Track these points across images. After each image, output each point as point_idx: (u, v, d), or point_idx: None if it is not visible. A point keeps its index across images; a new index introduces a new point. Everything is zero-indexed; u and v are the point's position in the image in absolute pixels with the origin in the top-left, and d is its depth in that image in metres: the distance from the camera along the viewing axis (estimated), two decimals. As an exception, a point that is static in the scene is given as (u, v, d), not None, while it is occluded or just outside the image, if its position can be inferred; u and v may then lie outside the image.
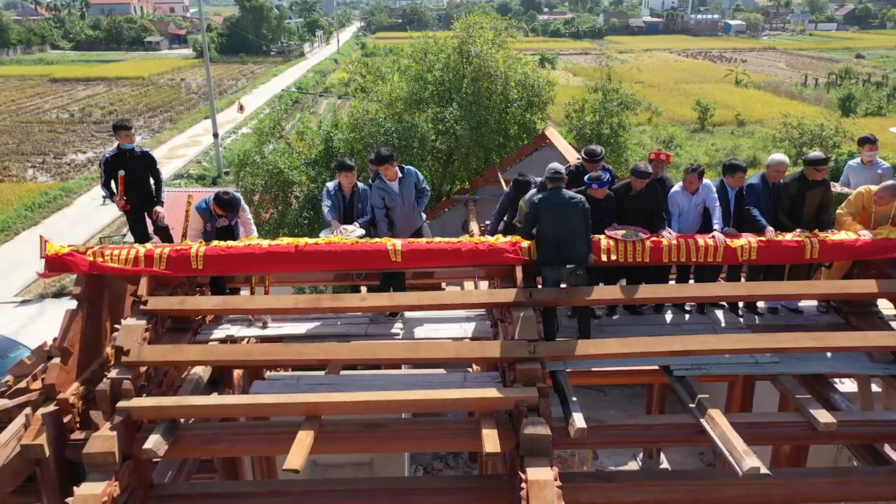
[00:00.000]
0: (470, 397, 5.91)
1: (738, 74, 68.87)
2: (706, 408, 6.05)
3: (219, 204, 7.29)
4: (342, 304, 6.63)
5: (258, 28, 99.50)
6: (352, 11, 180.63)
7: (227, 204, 7.28)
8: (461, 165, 16.02)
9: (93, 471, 5.58)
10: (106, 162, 7.62)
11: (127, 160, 7.62)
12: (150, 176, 7.82)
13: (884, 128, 47.47)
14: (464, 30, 16.73)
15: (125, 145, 7.61)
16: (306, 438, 5.61)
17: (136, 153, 7.73)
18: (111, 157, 7.65)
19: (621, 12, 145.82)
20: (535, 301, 6.48)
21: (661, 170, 7.38)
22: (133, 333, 6.21)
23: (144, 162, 7.78)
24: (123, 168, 7.54)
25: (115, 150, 7.70)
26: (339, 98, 69.75)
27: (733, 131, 50.91)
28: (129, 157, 7.64)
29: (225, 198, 7.32)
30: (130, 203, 7.69)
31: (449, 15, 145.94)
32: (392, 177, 7.33)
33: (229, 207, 7.30)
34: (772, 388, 8.85)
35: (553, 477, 5.44)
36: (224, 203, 7.28)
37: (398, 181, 7.37)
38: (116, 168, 7.56)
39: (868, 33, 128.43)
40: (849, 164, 8.23)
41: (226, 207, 7.29)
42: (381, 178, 7.40)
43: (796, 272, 7.50)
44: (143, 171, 7.76)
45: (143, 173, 7.76)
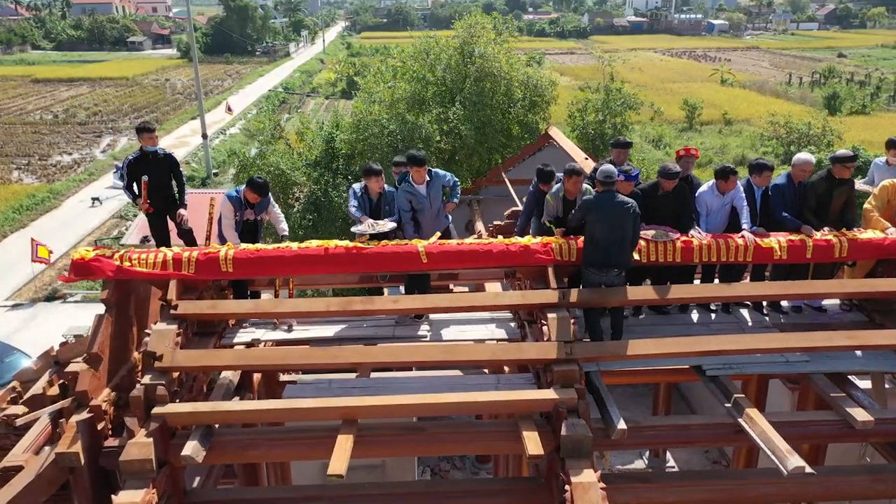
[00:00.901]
0: (510, 399, 5.88)
1: (723, 73, 69.43)
2: (743, 407, 6.07)
3: (253, 187, 7.32)
4: (375, 306, 6.58)
5: (243, 28, 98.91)
6: (336, 11, 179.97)
7: (261, 187, 7.35)
8: (464, 165, 15.99)
9: (130, 478, 5.48)
10: (129, 165, 7.52)
11: (149, 162, 7.53)
12: (173, 178, 7.73)
13: (868, 126, 48.15)
14: (465, 29, 16.69)
15: (148, 148, 7.52)
16: (346, 443, 5.55)
17: (159, 155, 7.64)
18: (134, 160, 7.56)
19: (606, 12, 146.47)
20: (569, 302, 6.45)
21: (690, 166, 7.41)
22: (164, 338, 6.12)
23: (167, 164, 7.69)
24: (146, 170, 7.45)
25: (137, 153, 7.61)
26: (327, 98, 69.57)
27: (721, 130, 51.30)
28: (151, 159, 7.55)
29: (259, 181, 7.41)
30: (153, 206, 7.59)
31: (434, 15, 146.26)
32: (421, 180, 7.28)
33: (263, 190, 7.37)
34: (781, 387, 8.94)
35: (597, 478, 5.43)
36: (259, 186, 7.34)
37: (426, 184, 7.33)
38: (139, 171, 7.47)
39: (849, 33, 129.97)
40: (875, 162, 8.30)
41: (260, 191, 7.34)
42: (408, 181, 7.36)
43: (820, 271, 7.55)
44: (166, 174, 7.68)
45: (166, 176, 7.67)
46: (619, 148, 8.02)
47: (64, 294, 26.25)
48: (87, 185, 39.97)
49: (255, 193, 7.37)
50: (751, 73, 76.86)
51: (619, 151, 8.02)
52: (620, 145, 8.07)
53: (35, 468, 5.69)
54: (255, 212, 7.50)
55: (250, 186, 7.40)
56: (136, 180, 7.52)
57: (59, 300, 25.86)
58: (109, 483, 6.05)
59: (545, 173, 7.84)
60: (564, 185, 7.31)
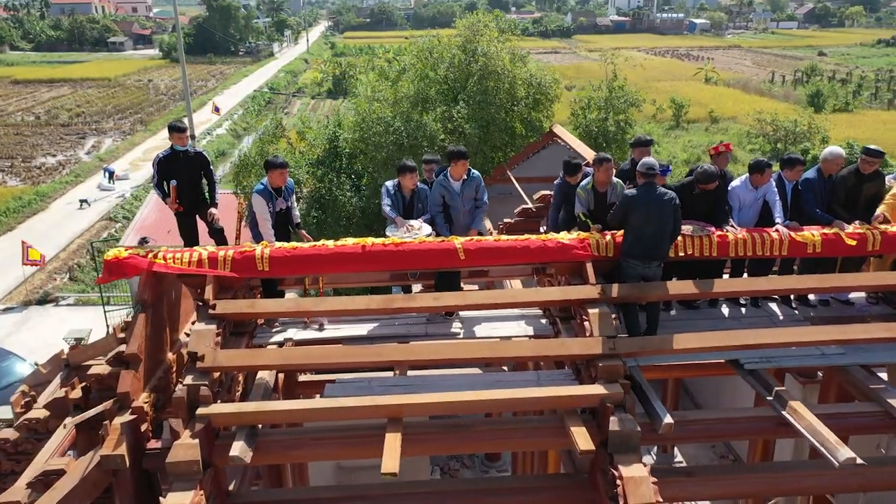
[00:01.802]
0: (556, 395, 5.86)
1: (707, 72, 69.99)
2: (786, 400, 6.10)
3: (274, 165, 7.26)
4: (415, 304, 6.53)
5: (226, 28, 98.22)
6: (318, 11, 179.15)
7: (281, 163, 7.30)
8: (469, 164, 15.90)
9: (177, 480, 5.40)
10: (159, 163, 7.42)
11: (179, 161, 7.43)
12: (204, 176, 7.63)
13: (852, 123, 48.77)
14: (468, 28, 16.66)
15: (178, 147, 7.41)
16: (396, 441, 5.51)
17: (190, 154, 7.54)
18: (164, 158, 7.45)
19: (589, 11, 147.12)
20: (609, 297, 6.45)
21: (726, 162, 7.44)
22: (205, 338, 6.03)
23: (198, 162, 7.60)
24: (175, 169, 7.36)
25: (168, 151, 7.50)
26: (313, 98, 69.23)
27: (707, 128, 51.74)
28: (181, 157, 7.45)
29: (277, 158, 7.38)
30: (182, 205, 7.49)
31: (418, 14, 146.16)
32: (459, 175, 7.24)
33: (285, 164, 7.30)
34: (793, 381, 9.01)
35: (648, 472, 5.43)
36: (278, 163, 7.28)
37: (462, 182, 7.28)
38: (169, 169, 7.37)
39: (828, 31, 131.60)
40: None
41: (282, 165, 7.29)
42: (445, 176, 7.32)
43: (848, 264, 7.61)
44: (196, 173, 7.58)
45: (196, 174, 7.57)
46: (641, 146, 7.99)
47: (56, 297, 25.90)
48: (73, 187, 39.49)
49: (278, 169, 7.28)
50: (734, 71, 77.55)
51: (640, 150, 7.99)
52: (642, 144, 8.04)
53: (79, 472, 5.59)
54: (285, 198, 7.43)
55: (271, 166, 7.31)
56: (166, 178, 7.41)
57: (50, 303, 25.50)
58: (151, 485, 5.97)
59: (572, 165, 7.82)
60: (595, 175, 7.32)
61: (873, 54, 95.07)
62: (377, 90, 16.54)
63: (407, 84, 16.36)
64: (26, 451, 7.98)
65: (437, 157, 7.93)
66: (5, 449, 7.73)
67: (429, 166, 7.99)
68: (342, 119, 17.57)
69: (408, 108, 15.85)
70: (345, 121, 17.33)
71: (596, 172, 7.27)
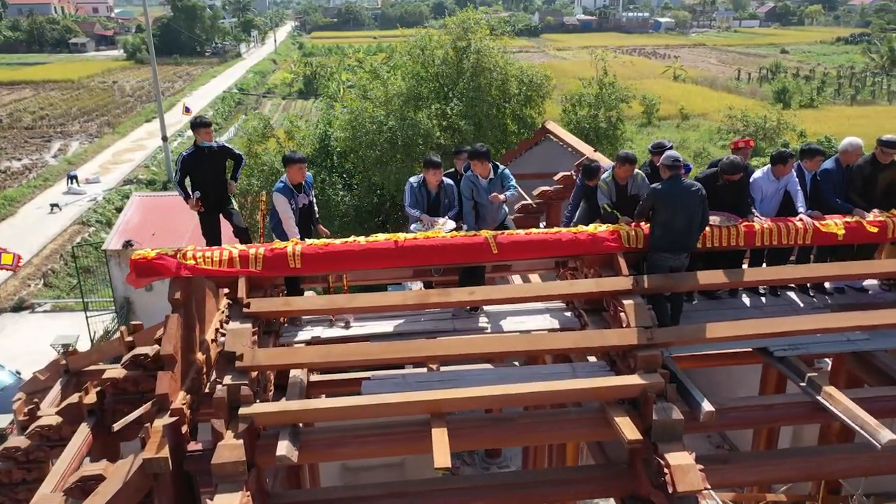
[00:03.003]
0: (597, 386, 5.88)
1: (675, 70, 70.96)
2: (820, 385, 6.20)
3: (293, 160, 7.15)
4: (451, 298, 6.50)
5: (191, 28, 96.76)
6: (284, 11, 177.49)
7: (302, 158, 7.22)
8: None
9: (222, 482, 5.30)
10: (183, 161, 7.26)
11: (205, 158, 7.27)
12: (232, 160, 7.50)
13: (818, 119, 49.89)
14: (458, 25, 16.65)
15: (203, 143, 7.26)
16: (443, 435, 5.48)
17: (214, 149, 7.39)
18: (189, 156, 7.30)
19: (556, 10, 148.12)
20: (643, 288, 6.49)
21: (747, 155, 7.53)
22: (241, 338, 5.93)
23: (223, 157, 7.45)
24: (201, 167, 7.21)
25: (192, 149, 7.35)
26: (284, 99, 68.60)
27: (678, 125, 52.48)
28: (206, 154, 7.30)
29: (295, 153, 7.28)
30: (205, 203, 7.34)
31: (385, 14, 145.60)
32: (484, 174, 7.22)
33: (297, 160, 7.19)
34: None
35: (694, 460, 5.48)
36: (300, 157, 7.20)
37: (489, 180, 7.27)
38: (193, 167, 7.22)
39: (789, 30, 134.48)
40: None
41: (302, 160, 7.20)
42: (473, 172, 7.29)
43: (862, 252, 7.77)
44: (221, 168, 7.43)
45: (221, 170, 7.43)
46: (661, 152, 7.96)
47: (31, 304, 25.28)
48: (42, 192, 38.57)
49: (297, 164, 7.15)
50: (700, 69, 78.77)
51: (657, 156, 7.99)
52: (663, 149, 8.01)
53: (121, 476, 5.45)
54: (306, 193, 7.33)
55: (289, 161, 7.18)
56: (190, 176, 7.26)
57: (26, 310, 24.87)
58: (191, 487, 5.85)
59: (591, 169, 7.88)
60: (615, 170, 7.39)
61: (833, 51, 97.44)
62: (368, 89, 16.44)
63: (398, 82, 16.29)
64: (38, 460, 7.78)
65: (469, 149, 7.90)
66: (16, 457, 7.52)
67: (460, 157, 7.95)
68: (332, 118, 17.43)
69: (400, 106, 15.78)
70: (335, 120, 17.18)
71: (617, 169, 7.33)
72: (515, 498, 6.16)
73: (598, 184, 7.49)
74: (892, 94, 63.00)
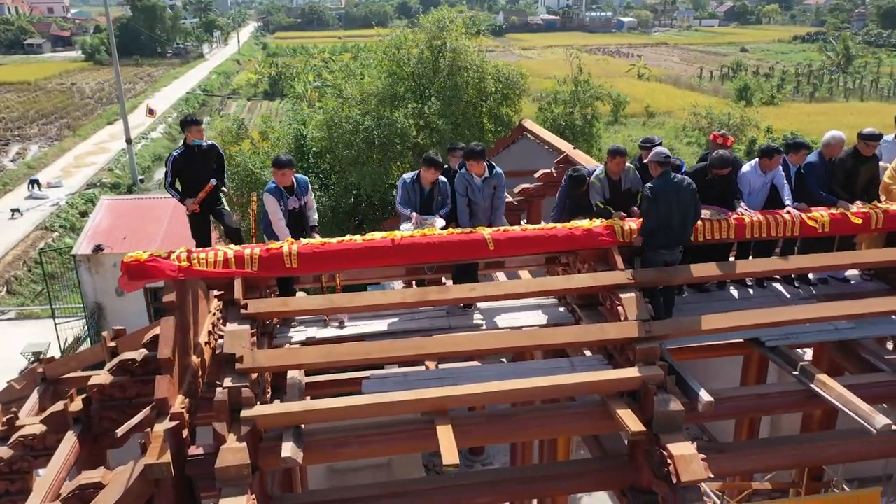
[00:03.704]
0: (601, 379, 5.94)
1: (639, 69, 71.89)
2: (812, 374, 6.34)
3: (281, 163, 7.00)
4: (449, 295, 6.49)
5: (151, 29, 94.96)
6: (247, 11, 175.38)
7: (287, 162, 7.03)
8: (441, 160, 15.89)
9: (226, 486, 5.22)
10: (174, 161, 7.12)
11: (196, 156, 7.14)
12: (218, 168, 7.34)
13: (779, 116, 50.99)
14: (433, 24, 16.63)
15: (195, 141, 7.13)
16: (449, 433, 5.48)
17: (204, 148, 7.26)
18: (180, 156, 7.15)
19: (520, 10, 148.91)
20: (638, 282, 6.56)
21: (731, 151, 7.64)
22: (240, 339, 5.85)
23: (213, 156, 7.31)
24: (192, 166, 7.07)
25: (182, 148, 7.21)
26: (249, 100, 67.82)
27: (645, 122, 53.17)
28: (197, 152, 7.17)
29: (284, 156, 7.13)
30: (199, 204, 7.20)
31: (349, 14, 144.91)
32: (479, 172, 7.22)
33: (288, 163, 7.04)
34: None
35: (696, 450, 5.56)
36: (285, 161, 7.02)
37: (483, 178, 7.27)
38: (184, 166, 7.08)
39: (748, 29, 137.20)
40: (884, 139, 8.77)
41: (285, 164, 7.00)
42: (468, 170, 7.28)
43: (843, 243, 7.96)
44: (212, 167, 7.29)
45: (212, 169, 7.28)
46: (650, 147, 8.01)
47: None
48: (1, 197, 37.51)
49: (280, 167, 7.00)
50: (663, 67, 79.90)
51: (646, 151, 8.04)
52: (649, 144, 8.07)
53: (121, 483, 5.32)
54: (298, 197, 7.22)
55: (278, 165, 7.05)
56: (181, 177, 7.13)
57: (-11, 316, 24.20)
58: (192, 493, 5.74)
59: (577, 179, 7.65)
60: (608, 165, 7.43)
61: (791, 50, 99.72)
62: (344, 88, 16.32)
63: (374, 81, 16.21)
64: (22, 470, 7.58)
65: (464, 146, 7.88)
66: (-2, 469, 7.33)
67: (455, 154, 7.93)
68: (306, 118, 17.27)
69: (376, 106, 15.70)
70: (309, 120, 17.03)
71: (609, 164, 7.38)
72: (520, 493, 6.21)
73: (591, 180, 7.52)
74: (849, 91, 64.69)
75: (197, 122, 7.18)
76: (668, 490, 5.60)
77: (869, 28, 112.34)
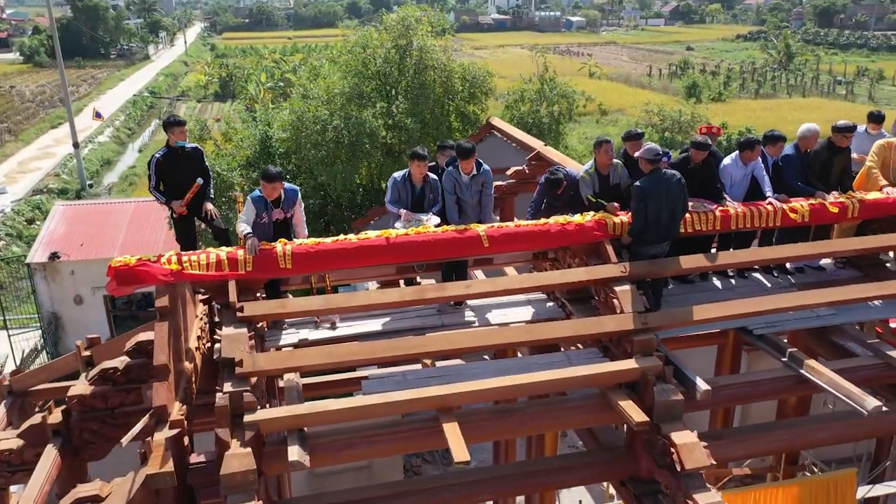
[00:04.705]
0: (601, 372, 5.99)
1: (591, 67, 72.88)
2: (801, 360, 6.52)
3: (267, 177, 6.78)
4: (447, 292, 6.46)
5: (94, 29, 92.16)
6: (192, 11, 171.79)
7: (275, 175, 6.80)
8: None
9: (232, 493, 5.10)
10: (157, 163, 6.90)
11: (179, 158, 6.95)
12: (201, 172, 7.14)
13: (727, 112, 52.31)
14: (398, 22, 16.56)
15: (179, 143, 6.93)
16: (455, 430, 5.46)
17: (188, 150, 7.06)
18: (163, 157, 6.93)
19: (470, 10, 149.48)
20: (631, 275, 6.65)
21: (713, 142, 7.80)
22: (238, 343, 5.72)
23: (196, 158, 7.11)
24: (175, 168, 6.88)
25: (165, 150, 6.99)
26: (199, 102, 66.42)
27: (598, 120, 53.87)
28: (180, 154, 6.97)
29: (272, 170, 6.90)
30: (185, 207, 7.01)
31: (298, 14, 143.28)
32: (467, 170, 7.21)
33: (277, 177, 6.82)
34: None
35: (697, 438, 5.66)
36: (272, 175, 6.79)
37: (470, 176, 7.26)
38: (168, 169, 6.88)
39: (692, 28, 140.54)
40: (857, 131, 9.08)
41: (274, 178, 6.78)
42: (455, 168, 7.26)
43: (819, 232, 8.21)
44: (196, 169, 7.09)
45: (196, 171, 7.09)
46: (634, 139, 8.03)
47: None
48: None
49: (270, 181, 6.78)
50: (613, 66, 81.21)
51: (633, 143, 8.08)
52: (634, 137, 8.08)
53: (123, 495, 5.15)
54: (284, 209, 7.05)
55: (264, 176, 6.83)
56: (164, 179, 6.93)
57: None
58: (193, 501, 5.60)
59: (554, 181, 7.61)
60: (596, 157, 7.50)
61: (734, 48, 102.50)
62: (309, 88, 16.13)
63: (339, 81, 16.05)
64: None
65: (453, 144, 7.84)
66: (-27, 486, 7.06)
67: (444, 153, 7.89)
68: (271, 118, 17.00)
69: (343, 105, 15.55)
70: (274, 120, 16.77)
71: (597, 154, 7.46)
72: (522, 487, 6.23)
73: (581, 175, 7.57)
74: (792, 87, 66.82)
75: (180, 122, 6.99)
76: (671, 478, 5.68)
77: (807, 27, 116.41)
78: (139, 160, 46.00)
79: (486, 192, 7.50)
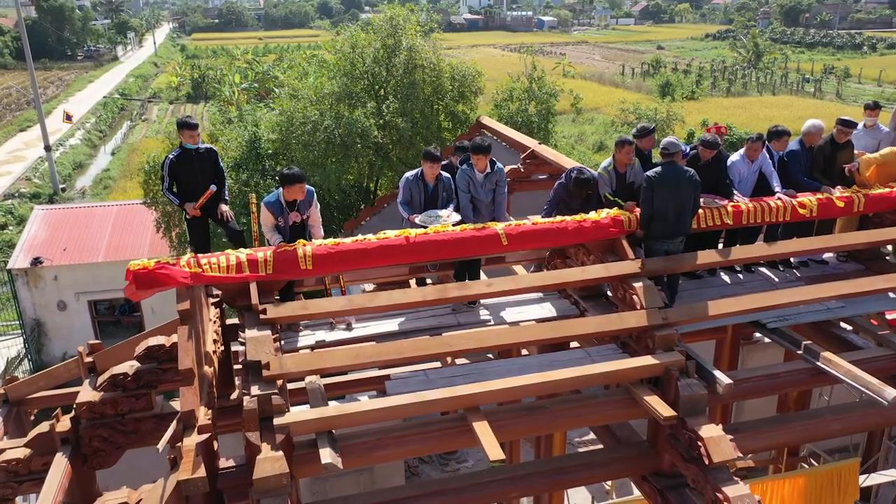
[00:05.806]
0: (626, 367, 6.02)
1: (564, 67, 73.32)
2: (817, 352, 6.62)
3: (286, 180, 6.62)
4: (469, 291, 6.44)
5: (60, 30, 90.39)
6: (160, 11, 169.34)
7: (295, 177, 6.60)
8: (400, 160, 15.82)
9: (265, 497, 5.03)
10: (170, 164, 6.78)
11: (192, 160, 6.83)
12: (215, 174, 7.03)
13: (700, 110, 53.03)
14: (387, 21, 16.49)
15: (188, 145, 6.82)
16: (486, 428, 5.45)
17: (201, 151, 6.94)
18: (175, 159, 6.81)
19: (443, 10, 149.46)
20: (648, 271, 6.69)
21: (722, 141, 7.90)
22: (263, 346, 5.65)
23: (210, 159, 7.00)
24: (188, 169, 6.77)
25: (178, 151, 6.87)
26: (171, 103, 65.52)
27: (574, 119, 54.20)
28: (193, 156, 6.86)
29: (293, 170, 6.73)
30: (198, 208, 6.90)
31: (269, 15, 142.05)
32: (482, 168, 7.20)
33: (297, 179, 6.61)
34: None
35: (723, 431, 5.71)
36: (291, 177, 6.60)
37: (485, 174, 7.25)
38: (182, 170, 6.77)
39: (662, 27, 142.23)
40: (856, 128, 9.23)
41: (293, 180, 6.58)
42: (469, 166, 7.25)
43: (822, 227, 8.35)
44: (210, 171, 6.99)
45: (210, 173, 6.98)
46: (647, 136, 8.10)
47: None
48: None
49: (292, 183, 6.59)
50: (586, 65, 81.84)
51: (646, 140, 8.15)
52: (647, 133, 8.13)
53: (153, 502, 5.05)
54: (300, 211, 6.93)
55: (282, 178, 6.70)
56: (177, 180, 6.81)
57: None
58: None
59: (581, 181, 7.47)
60: (615, 156, 7.54)
61: (704, 47, 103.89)
62: (297, 89, 15.99)
63: (328, 81, 15.94)
64: (5, 498, 7.18)
65: (466, 145, 7.83)
66: (-22, 497, 6.91)
67: (458, 154, 7.88)
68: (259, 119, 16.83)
69: (333, 104, 15.44)
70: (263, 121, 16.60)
71: (617, 154, 7.49)
72: (546, 485, 6.24)
73: (599, 172, 7.59)
74: (762, 85, 67.94)
75: (192, 125, 6.86)
76: (698, 472, 5.72)
77: (774, 26, 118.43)
78: (112, 163, 45.27)
79: (500, 190, 7.50)
